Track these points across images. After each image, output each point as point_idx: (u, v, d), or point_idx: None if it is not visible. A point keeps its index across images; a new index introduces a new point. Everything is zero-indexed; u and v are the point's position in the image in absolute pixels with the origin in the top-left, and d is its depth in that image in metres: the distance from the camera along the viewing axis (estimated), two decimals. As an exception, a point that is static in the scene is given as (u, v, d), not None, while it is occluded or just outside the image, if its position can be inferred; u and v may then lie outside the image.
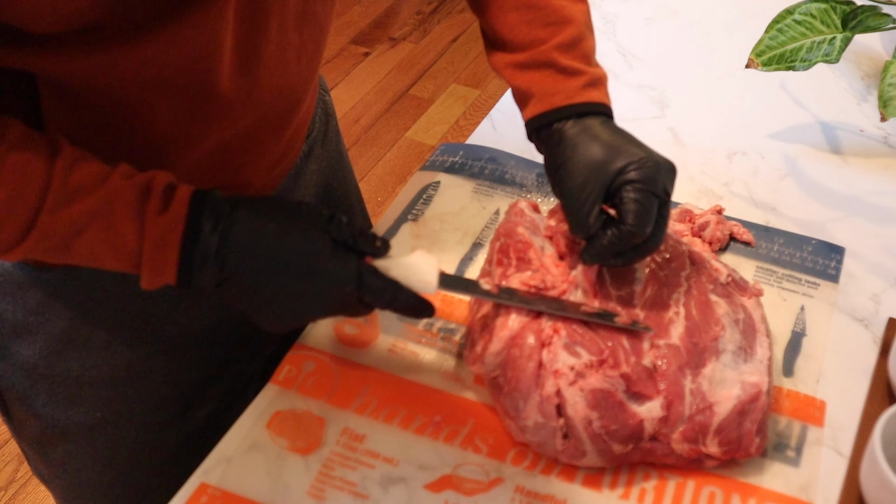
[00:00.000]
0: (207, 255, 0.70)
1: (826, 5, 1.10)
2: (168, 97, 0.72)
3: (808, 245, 1.00)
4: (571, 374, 0.76)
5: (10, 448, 1.91)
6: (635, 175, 0.77)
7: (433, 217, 1.03)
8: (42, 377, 0.87)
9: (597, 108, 0.83)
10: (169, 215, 0.69)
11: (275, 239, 0.71)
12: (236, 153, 0.82)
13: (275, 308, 0.73)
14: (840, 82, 1.26)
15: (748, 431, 0.77)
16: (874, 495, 0.74)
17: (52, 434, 0.91)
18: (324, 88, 1.05)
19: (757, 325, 0.83)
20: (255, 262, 0.71)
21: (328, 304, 0.73)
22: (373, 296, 0.73)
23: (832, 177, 1.11)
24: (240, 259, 0.71)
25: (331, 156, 1.04)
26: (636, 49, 1.31)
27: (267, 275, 0.71)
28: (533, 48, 0.84)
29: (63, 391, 0.88)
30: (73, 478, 0.95)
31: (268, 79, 0.78)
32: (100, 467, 0.94)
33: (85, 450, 0.92)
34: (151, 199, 0.69)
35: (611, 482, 0.79)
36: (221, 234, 0.70)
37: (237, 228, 0.71)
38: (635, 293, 0.82)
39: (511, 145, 1.13)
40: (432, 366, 0.87)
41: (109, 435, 0.92)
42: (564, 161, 0.80)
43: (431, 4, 3.30)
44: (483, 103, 2.85)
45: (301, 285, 0.72)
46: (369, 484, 0.78)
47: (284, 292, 0.72)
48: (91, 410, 0.90)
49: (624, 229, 0.76)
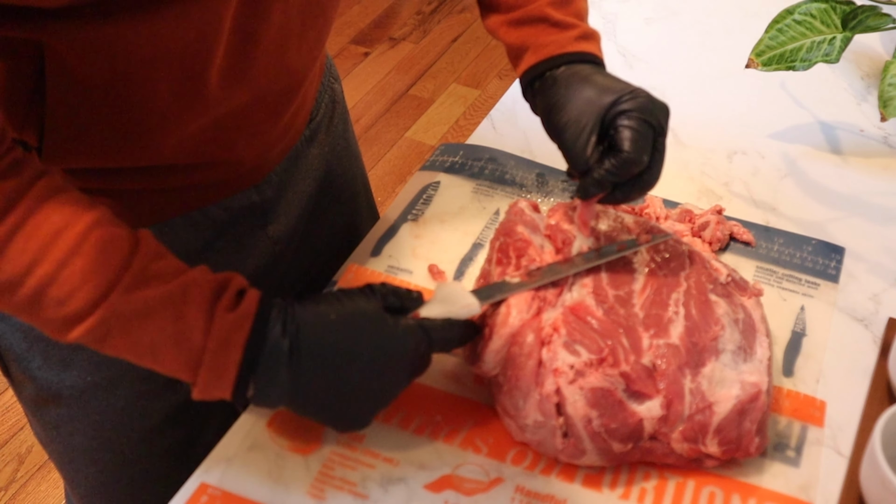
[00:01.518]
0: (279, 357, 0.69)
1: (826, 5, 1.10)
2: (166, 73, 0.72)
3: (808, 245, 1.00)
4: (571, 372, 0.76)
5: (10, 448, 1.91)
6: (629, 105, 0.78)
7: (433, 217, 1.03)
8: (37, 339, 0.88)
9: (589, 58, 0.85)
10: (238, 313, 0.68)
11: (342, 332, 0.71)
12: (229, 130, 0.82)
13: (355, 403, 0.73)
14: (840, 82, 1.26)
15: (748, 431, 0.77)
16: (874, 495, 0.74)
17: (46, 396, 0.92)
18: (334, 76, 1.06)
19: (757, 325, 0.83)
20: (328, 360, 0.70)
21: (409, 374, 0.75)
22: (441, 344, 0.75)
23: (832, 177, 1.11)
24: (313, 361, 0.70)
25: (335, 142, 1.05)
26: (636, 49, 1.31)
27: (343, 370, 0.71)
28: (527, 5, 0.87)
29: (57, 354, 0.89)
30: (65, 442, 0.96)
31: (265, 62, 0.78)
32: (91, 432, 0.94)
33: (76, 414, 0.93)
34: (225, 297, 0.69)
35: (611, 482, 0.79)
36: (291, 336, 0.69)
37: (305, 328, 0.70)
38: (634, 293, 0.82)
39: (511, 145, 1.13)
40: (432, 366, 0.87)
41: (100, 400, 0.92)
42: (557, 100, 0.81)
43: (431, 4, 3.30)
44: (483, 103, 2.85)
45: (379, 370, 0.72)
46: (369, 484, 0.78)
47: (364, 383, 0.72)
48: (83, 375, 0.90)
49: (621, 157, 0.76)
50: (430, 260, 0.97)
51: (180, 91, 0.74)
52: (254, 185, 0.91)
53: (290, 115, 0.89)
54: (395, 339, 0.73)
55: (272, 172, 0.93)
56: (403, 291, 0.77)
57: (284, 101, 0.86)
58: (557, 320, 0.79)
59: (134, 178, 0.81)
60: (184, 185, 0.84)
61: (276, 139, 0.90)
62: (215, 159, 0.84)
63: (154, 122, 0.76)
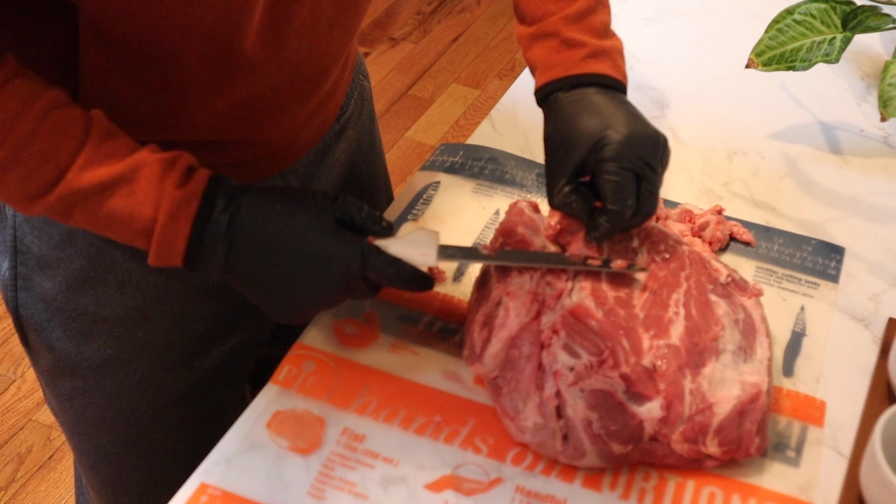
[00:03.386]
0: (217, 232, 0.73)
1: (826, 5, 1.10)
2: (198, 45, 0.75)
3: (808, 245, 1.00)
4: (571, 374, 0.76)
5: (11, 448, 1.91)
6: (606, 153, 0.79)
7: (433, 217, 1.03)
8: (59, 311, 0.91)
9: (594, 80, 0.84)
10: (186, 190, 0.72)
11: (281, 220, 0.74)
12: (259, 110, 0.85)
13: (282, 292, 0.76)
14: (840, 82, 1.26)
15: (748, 431, 0.77)
16: (874, 495, 0.74)
17: (62, 368, 0.94)
18: (363, 74, 1.08)
19: (757, 325, 0.83)
20: (262, 242, 0.74)
21: (334, 284, 0.75)
22: (375, 273, 0.76)
23: (832, 177, 1.11)
24: (247, 239, 0.73)
25: (362, 138, 1.07)
26: (636, 49, 1.31)
27: (274, 255, 0.74)
28: (543, 20, 0.88)
29: (77, 326, 0.91)
30: (78, 413, 0.98)
31: (296, 43, 0.81)
32: (104, 403, 0.96)
33: (92, 386, 0.95)
34: (174, 173, 0.73)
35: (611, 482, 0.79)
36: (231, 213, 0.73)
37: (246, 209, 0.74)
38: (634, 294, 0.82)
39: (511, 145, 1.13)
40: (432, 366, 0.87)
41: (116, 373, 0.94)
42: (549, 133, 0.84)
43: (431, 4, 3.29)
44: (483, 103, 2.85)
45: (306, 266, 0.74)
46: (369, 484, 0.78)
47: (291, 273, 0.75)
48: (101, 348, 0.93)
49: (608, 209, 0.80)
50: (430, 260, 0.97)
51: (213, 62, 0.77)
52: (279, 173, 0.93)
53: (318, 102, 0.91)
54: (327, 245, 0.74)
55: (299, 163, 0.95)
56: (369, 213, 0.77)
57: (313, 86, 0.88)
58: (557, 323, 0.79)
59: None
60: (212, 163, 0.86)
61: (303, 123, 0.91)
62: (244, 138, 0.87)
63: (186, 94, 0.79)
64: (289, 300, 0.76)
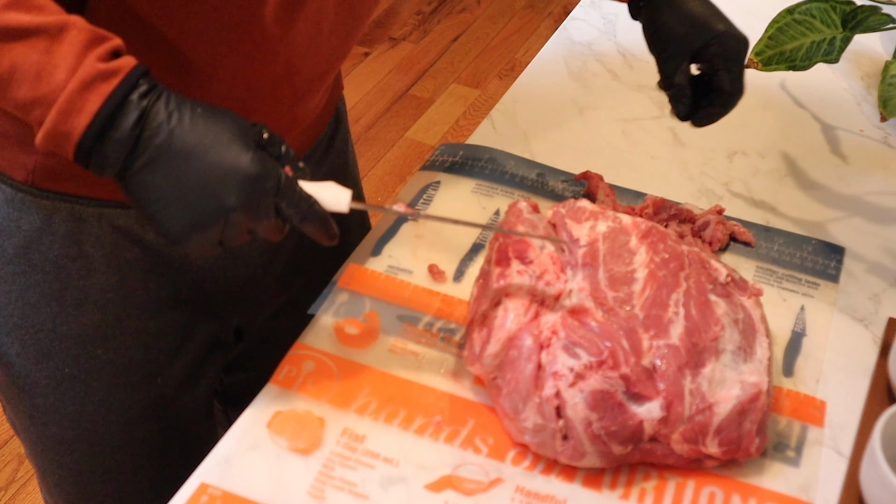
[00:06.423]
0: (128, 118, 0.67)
1: (826, 5, 1.10)
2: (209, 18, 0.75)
3: (808, 245, 1.00)
4: (571, 375, 0.76)
5: (10, 448, 1.91)
6: (718, 49, 0.92)
7: (433, 217, 1.03)
8: (16, 327, 0.89)
9: None
10: (109, 66, 0.66)
11: (201, 122, 0.69)
12: (254, 100, 0.84)
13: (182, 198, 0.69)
14: (840, 82, 1.26)
15: (748, 431, 0.77)
16: (874, 495, 0.74)
17: (21, 385, 0.92)
18: (343, 102, 1.08)
19: (756, 325, 0.83)
20: (176, 140, 0.68)
21: (243, 198, 0.69)
22: (287, 201, 0.71)
23: (832, 177, 1.11)
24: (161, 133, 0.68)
25: (334, 161, 1.06)
26: (636, 49, 1.31)
27: (184, 157, 0.68)
28: None
29: (35, 343, 0.90)
30: (40, 431, 0.96)
31: (303, 29, 0.81)
32: (66, 422, 0.94)
33: (52, 404, 0.93)
34: (100, 48, 0.67)
35: (611, 482, 0.79)
36: (151, 101, 0.67)
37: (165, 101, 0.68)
38: (634, 293, 0.82)
39: (511, 145, 1.13)
40: (432, 366, 0.87)
41: (77, 391, 0.92)
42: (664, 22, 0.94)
43: (431, 4, 3.29)
44: (483, 103, 2.85)
45: (219, 173, 0.68)
46: (369, 484, 0.78)
47: (199, 177, 0.68)
48: (60, 366, 0.91)
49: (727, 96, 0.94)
50: (430, 260, 0.97)
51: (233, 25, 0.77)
52: None
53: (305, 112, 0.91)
54: (245, 157, 0.69)
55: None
56: (288, 149, 0.73)
57: (306, 89, 0.89)
58: (556, 323, 0.79)
59: None
60: None
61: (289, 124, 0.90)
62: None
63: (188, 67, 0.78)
64: (187, 207, 0.69)
